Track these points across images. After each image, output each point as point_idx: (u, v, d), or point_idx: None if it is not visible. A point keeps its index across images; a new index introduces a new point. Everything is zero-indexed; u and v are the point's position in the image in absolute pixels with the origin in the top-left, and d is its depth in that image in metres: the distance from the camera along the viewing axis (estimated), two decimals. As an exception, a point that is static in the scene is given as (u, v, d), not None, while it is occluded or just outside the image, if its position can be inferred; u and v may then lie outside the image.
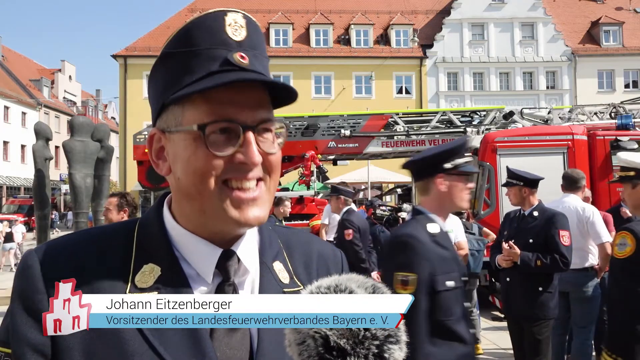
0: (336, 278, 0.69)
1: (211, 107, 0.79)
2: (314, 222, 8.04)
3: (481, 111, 10.44)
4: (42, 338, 0.76)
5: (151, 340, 0.76)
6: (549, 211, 4.21)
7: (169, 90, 0.81)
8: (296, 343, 0.65)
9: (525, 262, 4.03)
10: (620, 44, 31.68)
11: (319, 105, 26.37)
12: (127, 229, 0.87)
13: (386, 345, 0.65)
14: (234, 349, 0.80)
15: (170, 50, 0.82)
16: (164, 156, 0.85)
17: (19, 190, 38.73)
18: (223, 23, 0.81)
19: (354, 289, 0.67)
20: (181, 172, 0.81)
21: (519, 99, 29.28)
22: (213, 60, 0.80)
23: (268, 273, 0.88)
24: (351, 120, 9.69)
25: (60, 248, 0.83)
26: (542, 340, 4.08)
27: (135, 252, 0.83)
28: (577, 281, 4.70)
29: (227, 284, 0.83)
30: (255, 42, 0.84)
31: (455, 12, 31.49)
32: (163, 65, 0.83)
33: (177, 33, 0.82)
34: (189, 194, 0.81)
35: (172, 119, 0.82)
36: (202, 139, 0.78)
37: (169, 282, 0.80)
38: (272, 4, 32.46)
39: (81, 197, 12.12)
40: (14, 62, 43.17)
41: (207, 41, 0.80)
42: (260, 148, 0.81)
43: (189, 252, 0.84)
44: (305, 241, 0.99)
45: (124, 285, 0.79)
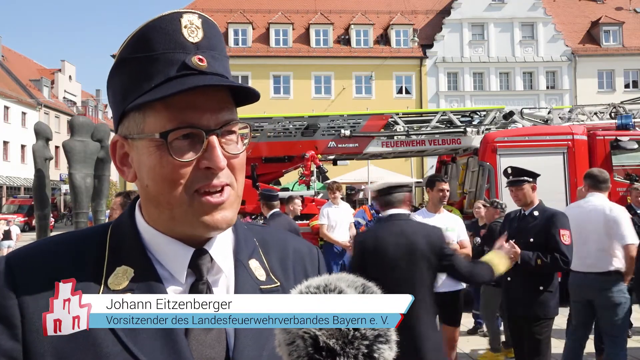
0: (325, 277, 0.69)
1: (172, 113, 0.78)
2: (313, 222, 8.03)
3: (481, 111, 10.42)
4: (12, 343, 0.75)
5: (125, 341, 0.75)
6: (549, 210, 4.21)
7: (129, 96, 0.81)
8: (286, 343, 0.65)
9: (526, 261, 4.02)
10: (620, 44, 31.67)
11: (319, 105, 26.37)
12: (100, 232, 0.87)
13: (376, 345, 0.64)
14: (210, 347, 0.80)
15: (127, 55, 0.81)
16: (128, 162, 0.85)
17: (19, 190, 38.72)
18: (179, 25, 0.80)
19: (343, 289, 0.67)
20: (148, 180, 0.81)
21: (519, 99, 29.27)
22: (171, 65, 0.79)
23: (244, 271, 0.88)
24: (351, 120, 9.67)
25: (31, 253, 0.83)
26: (542, 340, 4.08)
27: (108, 254, 0.82)
28: (602, 286, 4.41)
29: (201, 283, 0.83)
30: (212, 43, 0.83)
31: (455, 12, 31.48)
32: (121, 71, 0.82)
33: (133, 37, 0.81)
34: (158, 202, 0.81)
35: (134, 125, 0.81)
36: (165, 147, 0.78)
37: (143, 283, 0.80)
38: (272, 4, 32.43)
39: (81, 197, 12.13)
40: (14, 62, 43.16)
41: (164, 45, 0.79)
42: (224, 151, 0.80)
43: (161, 253, 0.84)
44: (280, 239, 0.99)
45: (97, 287, 0.79)
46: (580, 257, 4.48)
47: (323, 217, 7.37)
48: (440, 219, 4.74)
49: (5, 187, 37.36)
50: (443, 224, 4.73)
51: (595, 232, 4.46)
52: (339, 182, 8.30)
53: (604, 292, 4.40)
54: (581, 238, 4.48)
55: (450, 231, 4.68)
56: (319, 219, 7.56)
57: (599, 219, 4.46)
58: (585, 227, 4.51)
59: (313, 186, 9.05)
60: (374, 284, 0.69)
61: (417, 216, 4.84)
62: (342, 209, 7.54)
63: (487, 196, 8.25)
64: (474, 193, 8.71)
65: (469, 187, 9.06)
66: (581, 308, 4.56)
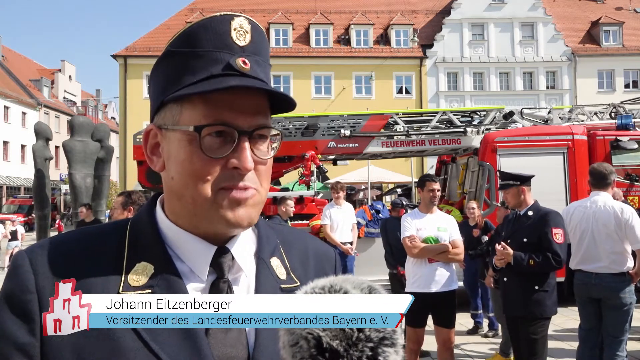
0: (332, 279, 0.69)
1: (209, 109, 0.79)
2: (314, 222, 8.03)
3: (481, 111, 10.42)
4: (29, 339, 0.75)
5: (146, 338, 0.75)
6: (543, 210, 4.21)
7: (170, 88, 0.82)
8: (289, 345, 0.65)
9: (518, 262, 4.05)
10: (620, 44, 31.69)
11: (319, 105, 26.38)
12: (119, 228, 0.87)
13: (381, 347, 0.64)
14: (231, 346, 0.80)
15: (174, 48, 0.83)
16: (158, 152, 0.86)
17: (19, 190, 38.72)
18: (229, 27, 0.81)
19: (349, 290, 0.66)
20: (175, 172, 0.82)
21: (519, 99, 29.28)
22: (215, 63, 0.80)
23: (265, 269, 0.88)
24: (351, 120, 9.67)
25: (51, 248, 0.83)
26: (538, 340, 4.09)
27: (127, 250, 0.83)
28: (614, 286, 4.34)
29: (222, 281, 0.83)
30: (258, 48, 0.84)
31: (455, 12, 31.50)
32: (166, 63, 0.84)
33: (183, 32, 0.83)
34: (182, 195, 0.82)
35: (170, 117, 0.83)
36: (197, 141, 0.79)
37: (163, 280, 0.80)
38: (272, 4, 32.46)
39: (81, 197, 12.12)
40: (14, 62, 43.17)
41: (212, 43, 0.81)
42: (254, 154, 0.81)
43: (182, 249, 0.84)
44: (301, 238, 1.00)
45: (117, 284, 0.79)
46: (592, 258, 4.42)
47: (325, 217, 7.36)
48: (432, 219, 4.73)
49: (5, 187, 37.36)
50: (435, 224, 4.73)
51: (607, 234, 4.37)
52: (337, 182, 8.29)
53: (617, 293, 4.34)
54: (591, 239, 4.43)
55: (442, 231, 4.66)
56: (321, 220, 7.55)
57: (609, 221, 4.36)
58: (594, 228, 4.43)
59: (313, 186, 9.04)
60: (380, 286, 0.69)
61: (408, 217, 4.84)
62: (345, 209, 7.50)
63: (487, 196, 8.25)
64: (473, 193, 8.72)
65: (469, 187, 9.06)
66: (589, 309, 4.49)
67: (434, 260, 4.62)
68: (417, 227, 4.68)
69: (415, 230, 4.67)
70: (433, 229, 4.67)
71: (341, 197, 7.55)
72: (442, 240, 4.64)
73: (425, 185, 4.72)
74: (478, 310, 7.07)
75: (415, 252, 4.62)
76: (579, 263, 4.49)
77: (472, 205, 7.02)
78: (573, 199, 7.58)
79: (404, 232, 4.71)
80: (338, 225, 7.31)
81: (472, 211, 6.95)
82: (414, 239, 4.63)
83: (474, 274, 6.94)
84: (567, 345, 6.07)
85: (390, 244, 6.42)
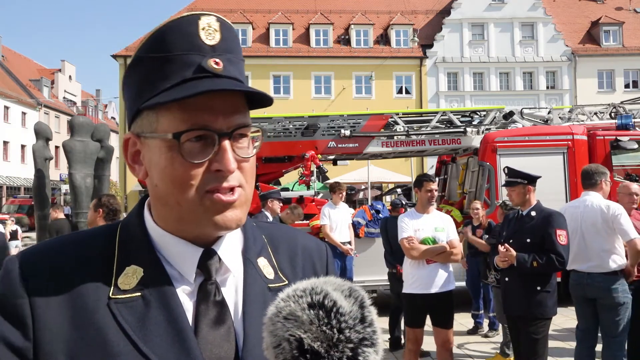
0: (313, 281, 0.69)
1: (186, 114, 0.78)
2: (313, 222, 8.03)
3: (481, 111, 10.41)
4: (23, 342, 0.76)
5: (135, 340, 0.76)
6: (546, 211, 4.20)
7: (144, 95, 0.81)
8: (272, 346, 0.66)
9: (521, 263, 4.03)
10: (620, 44, 31.68)
11: (319, 105, 26.38)
12: (108, 232, 0.87)
13: (360, 348, 0.65)
14: (219, 347, 0.80)
15: (144, 54, 0.82)
16: (139, 160, 0.85)
17: (19, 190, 38.72)
18: (197, 27, 0.80)
19: (329, 292, 0.67)
20: (158, 180, 0.82)
21: (519, 99, 29.27)
22: (187, 67, 0.79)
23: (252, 269, 0.88)
24: (351, 120, 9.66)
25: (41, 252, 0.83)
26: (539, 340, 4.08)
27: (117, 254, 0.83)
28: (606, 285, 4.35)
29: (209, 283, 0.84)
30: (229, 46, 0.83)
31: (455, 12, 31.49)
32: (137, 70, 0.83)
33: (151, 37, 0.82)
34: (167, 202, 0.82)
35: (147, 124, 0.82)
36: (177, 148, 0.78)
37: (152, 283, 0.80)
38: (272, 4, 32.44)
39: (81, 197, 12.10)
40: (14, 62, 43.16)
41: (181, 46, 0.79)
42: (236, 154, 0.81)
43: (170, 253, 0.84)
44: (289, 236, 0.99)
45: (107, 288, 0.79)
46: (583, 257, 4.46)
47: (325, 217, 7.37)
48: (429, 219, 4.71)
49: (5, 187, 37.36)
50: (432, 225, 4.71)
51: (595, 232, 4.43)
52: (339, 182, 8.30)
53: (609, 292, 4.35)
54: (581, 238, 4.47)
55: (439, 231, 4.64)
56: (320, 220, 7.56)
57: (596, 219, 4.43)
58: (583, 227, 4.49)
59: (313, 186, 9.05)
60: (360, 287, 0.70)
61: (405, 217, 4.83)
62: (342, 209, 7.54)
63: (487, 196, 8.25)
64: (473, 193, 8.71)
65: (469, 187, 9.06)
66: (586, 309, 4.51)
67: (432, 261, 4.61)
68: (414, 228, 4.66)
69: (413, 231, 4.64)
70: (431, 229, 4.65)
71: (342, 197, 7.60)
72: (439, 241, 4.61)
73: (423, 185, 4.69)
74: (479, 311, 7.07)
75: (414, 253, 4.60)
76: (572, 263, 4.48)
77: (476, 206, 7.00)
78: (573, 199, 7.56)
79: (402, 233, 4.68)
80: (337, 225, 7.33)
81: (476, 211, 6.93)
82: (412, 240, 4.62)
83: (476, 274, 6.95)
84: (567, 345, 6.08)
85: (390, 243, 6.43)
